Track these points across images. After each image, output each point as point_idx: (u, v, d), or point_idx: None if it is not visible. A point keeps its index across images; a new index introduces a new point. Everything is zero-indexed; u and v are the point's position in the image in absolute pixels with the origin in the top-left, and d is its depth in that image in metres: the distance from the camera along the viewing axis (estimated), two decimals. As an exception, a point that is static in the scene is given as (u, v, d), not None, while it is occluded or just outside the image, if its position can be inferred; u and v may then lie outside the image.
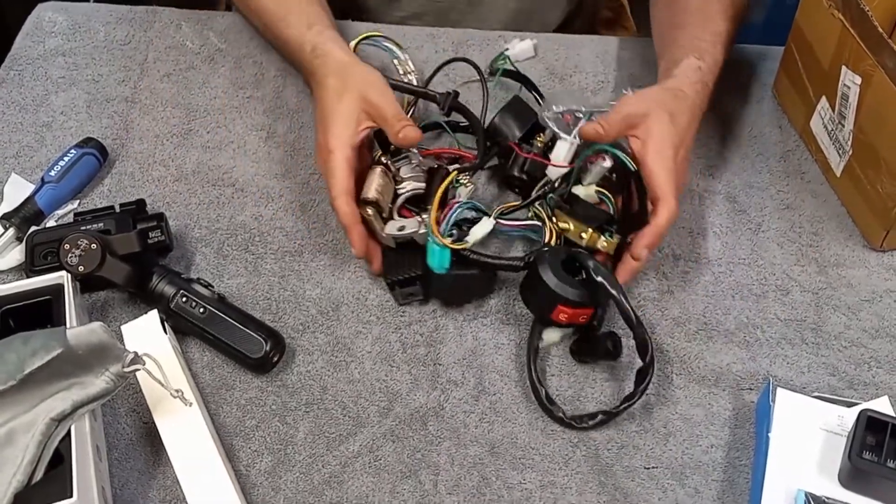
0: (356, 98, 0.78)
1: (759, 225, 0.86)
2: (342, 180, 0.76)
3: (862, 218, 0.85)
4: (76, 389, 0.63)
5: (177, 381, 0.71)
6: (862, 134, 0.80)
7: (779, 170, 0.90)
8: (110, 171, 0.90)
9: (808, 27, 0.87)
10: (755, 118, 0.95)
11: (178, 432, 0.70)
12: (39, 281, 0.72)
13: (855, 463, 0.63)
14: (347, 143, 0.77)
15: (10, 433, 0.61)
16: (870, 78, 0.76)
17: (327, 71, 0.81)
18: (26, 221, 0.83)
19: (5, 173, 0.88)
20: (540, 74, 0.98)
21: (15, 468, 0.60)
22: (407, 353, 0.77)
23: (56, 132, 0.92)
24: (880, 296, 0.81)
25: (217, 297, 0.76)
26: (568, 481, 0.70)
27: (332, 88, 0.79)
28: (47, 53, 0.99)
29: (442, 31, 1.02)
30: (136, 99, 0.95)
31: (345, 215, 0.76)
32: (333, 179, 0.76)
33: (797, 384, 0.75)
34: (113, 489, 0.69)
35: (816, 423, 0.68)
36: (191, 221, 0.85)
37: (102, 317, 0.79)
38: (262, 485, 0.70)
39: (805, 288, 0.81)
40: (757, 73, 0.99)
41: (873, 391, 0.75)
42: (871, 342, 0.78)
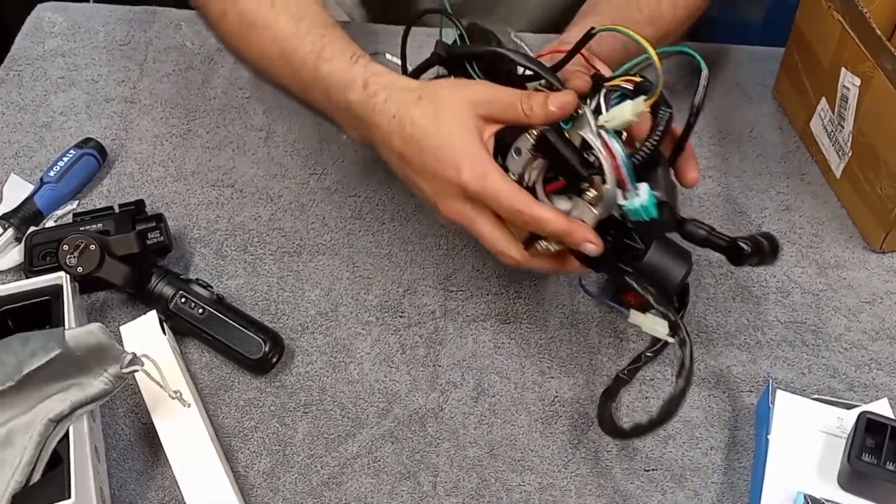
0: (461, 108, 0.62)
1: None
2: (520, 195, 0.60)
3: (862, 219, 0.85)
4: (75, 390, 0.63)
5: (175, 381, 0.70)
6: (861, 135, 0.80)
7: (779, 171, 0.90)
8: (109, 171, 0.90)
9: (808, 28, 0.87)
10: (755, 119, 0.95)
11: (176, 433, 0.69)
12: (38, 281, 0.72)
13: (854, 465, 0.63)
14: (488, 160, 0.61)
15: (8, 434, 0.61)
16: (869, 80, 0.76)
17: (402, 104, 0.64)
18: (25, 222, 0.83)
19: (4, 173, 0.88)
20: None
21: (13, 469, 0.60)
22: (406, 355, 0.77)
23: (55, 132, 0.92)
24: (880, 297, 0.81)
25: (216, 297, 0.76)
26: (567, 483, 0.70)
27: (425, 117, 0.63)
28: (47, 54, 0.99)
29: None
30: (136, 99, 0.95)
31: (557, 219, 0.60)
32: (514, 201, 0.60)
33: (797, 386, 0.75)
34: (111, 490, 0.69)
35: (816, 425, 0.68)
36: (190, 222, 0.85)
37: (101, 317, 0.79)
38: (260, 486, 0.70)
39: (805, 290, 0.81)
40: (757, 74, 0.99)
41: (873, 393, 0.75)
42: (872, 344, 0.78)
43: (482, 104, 0.62)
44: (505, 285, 0.81)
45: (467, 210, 0.63)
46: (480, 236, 0.63)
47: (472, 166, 0.60)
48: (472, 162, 0.60)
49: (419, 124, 0.62)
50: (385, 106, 0.64)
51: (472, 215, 0.63)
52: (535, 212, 0.60)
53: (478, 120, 0.62)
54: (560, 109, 0.61)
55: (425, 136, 0.62)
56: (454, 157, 0.61)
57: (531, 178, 0.62)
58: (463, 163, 0.61)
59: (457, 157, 0.61)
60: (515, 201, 0.60)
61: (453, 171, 0.61)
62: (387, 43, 1.00)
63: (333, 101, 0.68)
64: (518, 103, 0.62)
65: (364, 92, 0.65)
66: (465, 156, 0.61)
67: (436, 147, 0.62)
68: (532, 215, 0.60)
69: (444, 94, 0.63)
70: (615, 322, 0.79)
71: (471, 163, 0.60)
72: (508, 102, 0.62)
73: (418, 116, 0.62)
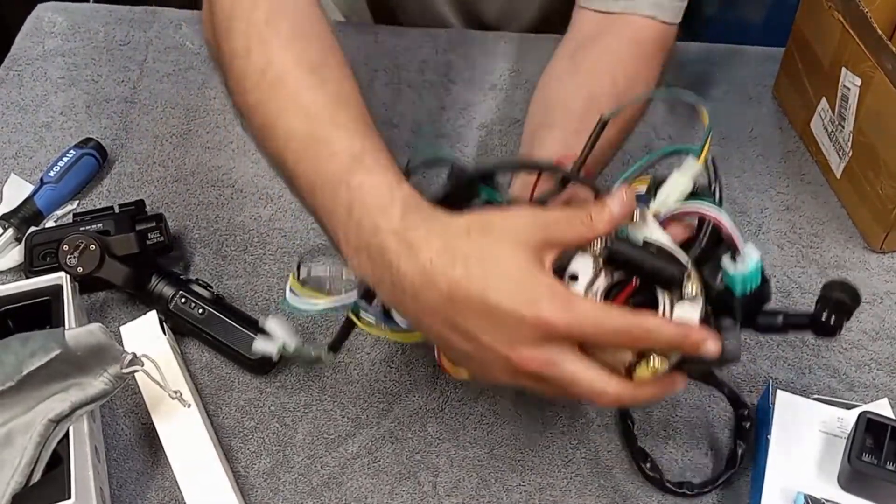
0: (519, 237, 0.53)
1: (759, 226, 0.86)
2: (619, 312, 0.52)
3: (862, 220, 0.85)
4: (74, 390, 0.63)
5: (175, 382, 0.70)
6: (862, 135, 0.80)
7: (779, 171, 0.90)
8: (109, 171, 0.90)
9: (809, 28, 0.87)
10: (755, 119, 0.95)
11: (176, 433, 0.69)
12: (38, 282, 0.72)
13: (854, 465, 0.63)
14: (564, 288, 0.52)
15: (8, 434, 0.61)
16: (869, 79, 0.76)
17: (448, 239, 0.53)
18: (25, 222, 0.83)
19: (4, 174, 0.88)
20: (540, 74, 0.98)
21: (13, 469, 0.60)
22: (406, 355, 0.77)
23: (55, 132, 0.92)
24: (881, 297, 0.81)
25: (216, 297, 0.76)
26: (567, 484, 0.70)
27: (480, 252, 0.52)
28: (47, 54, 0.99)
29: (442, 32, 1.02)
30: (136, 99, 0.95)
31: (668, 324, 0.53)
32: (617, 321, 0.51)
33: (797, 386, 0.75)
34: (111, 490, 0.69)
35: (816, 425, 0.68)
36: (190, 222, 0.85)
37: (101, 318, 0.79)
38: (260, 486, 0.70)
39: (805, 290, 0.81)
40: (757, 73, 0.99)
41: (873, 393, 0.75)
42: (872, 344, 0.78)
43: (538, 228, 0.53)
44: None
45: (550, 353, 0.52)
46: (572, 381, 0.52)
47: (551, 299, 0.51)
48: (551, 294, 0.51)
49: (473, 262, 0.52)
50: (427, 242, 0.53)
51: (557, 358, 0.52)
52: (645, 323, 0.51)
53: (537, 247, 0.53)
54: (623, 208, 0.54)
55: (484, 274, 0.51)
56: (527, 293, 0.51)
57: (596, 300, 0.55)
58: (540, 297, 0.51)
59: (530, 292, 0.51)
60: (619, 320, 0.51)
61: (529, 309, 0.50)
62: (386, 43, 1.01)
63: (355, 221, 0.55)
64: (576, 218, 0.54)
65: (403, 224, 0.54)
66: (540, 288, 0.51)
67: (500, 286, 0.51)
68: (643, 327, 0.51)
69: (496, 224, 0.53)
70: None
71: (549, 295, 0.51)
72: (565, 220, 0.54)
73: (472, 251, 0.52)
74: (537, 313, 0.50)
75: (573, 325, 0.50)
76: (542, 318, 0.50)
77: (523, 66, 0.99)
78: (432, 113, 0.95)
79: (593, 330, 0.51)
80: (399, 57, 1.00)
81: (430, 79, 0.98)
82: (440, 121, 0.94)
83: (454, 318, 0.52)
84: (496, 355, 0.52)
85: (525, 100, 0.95)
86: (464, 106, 0.95)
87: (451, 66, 0.99)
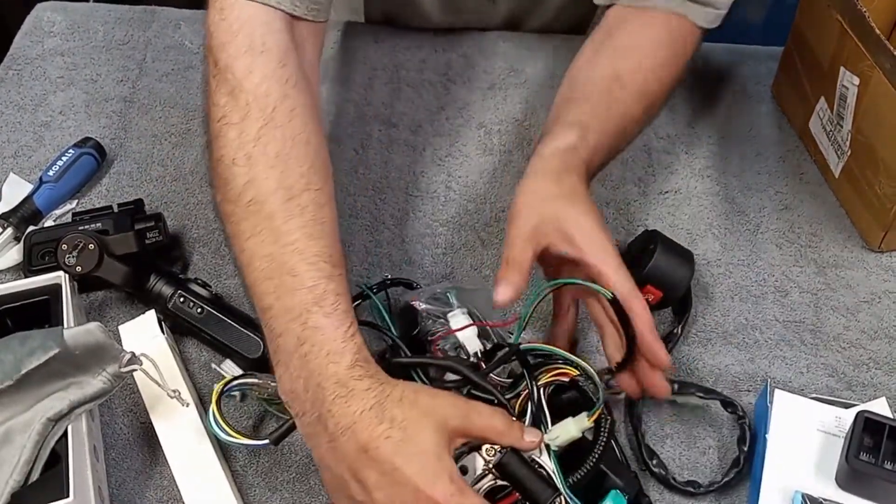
0: (438, 420, 0.58)
1: (757, 226, 0.86)
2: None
3: (860, 219, 0.85)
4: (73, 389, 0.63)
5: (174, 381, 0.71)
6: (860, 135, 0.80)
7: (778, 170, 0.90)
8: (108, 170, 0.90)
9: (808, 28, 0.87)
10: (754, 118, 0.95)
11: (175, 432, 0.69)
12: (37, 281, 0.72)
13: (852, 464, 0.63)
14: (462, 479, 0.57)
15: (7, 433, 0.61)
16: (868, 79, 0.76)
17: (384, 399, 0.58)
18: (24, 221, 0.83)
19: (3, 173, 0.88)
20: (539, 74, 0.98)
21: (11, 468, 0.60)
22: (405, 354, 0.77)
23: (54, 132, 0.92)
24: (879, 297, 0.81)
25: (214, 297, 0.76)
26: (565, 482, 0.70)
27: (405, 419, 0.57)
28: (46, 53, 0.99)
29: (441, 32, 1.02)
30: (135, 99, 0.95)
31: None
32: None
33: (795, 385, 0.75)
34: (110, 489, 0.69)
35: (814, 424, 0.68)
36: (189, 221, 0.85)
37: (100, 317, 0.79)
38: (258, 485, 0.70)
39: (804, 289, 0.81)
40: (756, 73, 0.99)
41: (871, 392, 0.75)
42: (870, 343, 0.78)
43: (458, 417, 0.58)
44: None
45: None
46: None
47: (449, 483, 0.56)
48: (450, 479, 0.56)
49: (396, 427, 0.56)
50: (365, 395, 0.57)
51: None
52: None
53: (452, 433, 0.58)
54: (531, 444, 0.60)
55: (401, 440, 0.56)
56: (431, 471, 0.56)
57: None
58: (440, 479, 0.55)
59: (433, 470, 0.56)
60: None
61: (427, 485, 0.55)
62: (386, 42, 1.01)
63: (302, 354, 0.59)
64: (494, 424, 0.59)
65: (348, 372, 0.58)
66: (443, 472, 0.56)
67: (411, 456, 0.56)
68: None
69: (423, 401, 0.58)
70: (614, 321, 0.79)
71: (448, 480, 0.56)
72: (485, 418, 0.59)
73: (398, 416, 0.57)
74: (433, 491, 0.55)
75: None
76: (435, 497, 0.55)
77: (523, 66, 0.99)
78: (432, 112, 0.95)
79: None
80: (399, 57, 1.00)
81: (429, 78, 0.98)
82: (439, 120, 0.94)
83: (360, 468, 0.57)
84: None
85: (525, 99, 0.96)
86: (463, 105, 0.96)
87: (450, 66, 0.99)
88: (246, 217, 0.63)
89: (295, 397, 0.60)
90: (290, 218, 0.62)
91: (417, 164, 0.91)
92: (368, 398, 0.57)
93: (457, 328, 0.70)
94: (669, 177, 0.89)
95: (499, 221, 0.86)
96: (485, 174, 0.90)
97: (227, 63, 0.65)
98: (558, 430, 0.62)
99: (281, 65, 0.66)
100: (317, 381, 0.58)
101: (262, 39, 0.66)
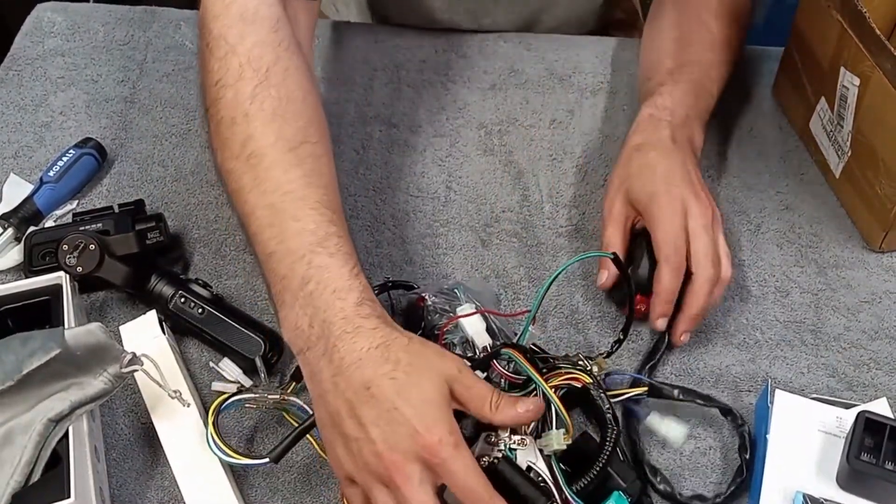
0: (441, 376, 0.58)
1: (758, 226, 0.86)
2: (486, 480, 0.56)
3: (861, 219, 0.85)
4: (74, 390, 0.63)
5: (175, 381, 0.71)
6: (860, 135, 0.80)
7: (778, 171, 0.90)
8: (109, 171, 0.90)
9: (808, 28, 0.87)
10: (755, 119, 0.95)
11: (176, 433, 0.70)
12: (38, 281, 0.72)
13: (853, 465, 0.63)
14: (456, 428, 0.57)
15: (8, 433, 0.61)
16: (868, 79, 0.76)
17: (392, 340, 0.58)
18: (25, 221, 0.83)
19: (4, 173, 0.88)
20: (540, 74, 0.98)
21: (13, 468, 0.60)
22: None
23: (55, 132, 0.92)
24: (879, 297, 0.81)
25: (215, 297, 0.76)
26: None
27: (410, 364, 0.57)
28: (46, 53, 0.99)
29: (442, 32, 1.02)
30: (135, 99, 0.95)
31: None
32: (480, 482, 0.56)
33: (796, 386, 0.75)
34: (111, 490, 0.69)
35: (815, 424, 0.68)
36: (189, 222, 0.85)
37: (101, 317, 0.79)
38: (259, 485, 0.70)
39: (804, 289, 0.81)
40: (757, 73, 0.99)
41: (872, 393, 0.75)
42: (871, 343, 0.78)
43: (458, 383, 0.58)
44: (504, 286, 0.81)
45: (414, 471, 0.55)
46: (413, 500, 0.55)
47: (447, 432, 0.55)
48: (449, 430, 0.56)
49: (402, 368, 0.57)
50: (372, 333, 0.58)
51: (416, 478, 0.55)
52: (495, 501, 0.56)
53: (448, 395, 0.58)
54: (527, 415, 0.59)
55: (405, 382, 0.56)
56: (431, 417, 0.56)
57: None
58: (438, 424, 0.55)
59: (433, 416, 0.56)
60: (481, 483, 0.55)
61: (425, 428, 0.55)
62: (386, 42, 1.01)
63: (308, 292, 0.60)
64: (486, 396, 0.59)
65: (356, 309, 0.59)
66: (442, 419, 0.56)
67: (412, 398, 0.56)
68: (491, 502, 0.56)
69: (429, 354, 0.59)
70: (615, 322, 0.79)
71: (448, 430, 0.56)
72: (481, 395, 0.59)
73: (404, 360, 0.57)
74: (430, 436, 0.55)
75: (448, 462, 0.55)
76: (430, 442, 0.55)
77: (523, 66, 0.99)
78: (432, 112, 0.95)
79: (459, 477, 0.55)
80: (399, 57, 1.00)
81: (429, 78, 0.98)
82: (440, 121, 0.94)
83: (359, 405, 0.57)
84: (371, 449, 0.56)
85: (525, 99, 0.96)
86: (463, 106, 0.96)
87: (450, 66, 0.99)
88: (246, 171, 0.65)
89: (299, 333, 0.60)
90: (290, 168, 0.64)
91: (418, 164, 0.91)
92: (375, 337, 0.58)
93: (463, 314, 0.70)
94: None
95: (499, 221, 0.86)
96: (485, 174, 0.90)
97: (221, 32, 0.68)
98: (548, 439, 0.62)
99: (273, 31, 0.68)
100: (322, 316, 0.59)
101: (254, 10, 0.68)
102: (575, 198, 0.88)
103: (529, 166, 0.90)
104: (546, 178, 0.89)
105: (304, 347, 0.60)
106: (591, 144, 0.92)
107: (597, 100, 0.96)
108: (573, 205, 0.87)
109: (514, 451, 0.62)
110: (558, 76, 0.98)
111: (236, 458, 0.65)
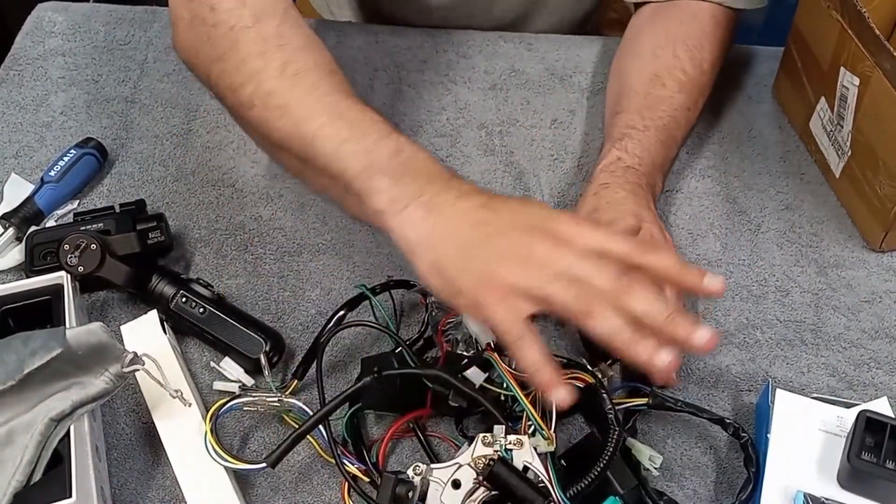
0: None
1: (758, 226, 0.86)
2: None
3: (861, 219, 0.85)
4: (75, 389, 0.63)
5: (176, 381, 0.71)
6: (860, 135, 0.80)
7: (778, 170, 0.90)
8: (110, 171, 0.90)
9: (808, 28, 0.87)
10: (755, 118, 0.95)
11: (177, 432, 0.70)
12: (39, 281, 0.72)
13: (854, 464, 0.63)
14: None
15: (9, 433, 0.61)
16: (868, 79, 0.77)
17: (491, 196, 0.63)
18: (26, 221, 0.83)
19: (5, 173, 0.88)
20: (540, 75, 0.98)
21: (14, 468, 0.60)
22: (406, 354, 0.77)
23: (56, 132, 0.92)
24: (880, 297, 0.81)
25: (216, 297, 0.76)
26: (567, 482, 0.70)
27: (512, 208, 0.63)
28: (47, 53, 0.99)
29: (442, 32, 1.02)
30: (136, 99, 0.96)
31: None
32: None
33: (796, 385, 0.75)
34: (112, 489, 0.69)
35: (815, 423, 0.68)
36: (190, 222, 0.85)
37: (102, 317, 0.79)
38: (260, 485, 0.70)
39: (804, 289, 0.82)
40: (757, 73, 0.99)
41: (872, 392, 0.75)
42: (871, 343, 0.78)
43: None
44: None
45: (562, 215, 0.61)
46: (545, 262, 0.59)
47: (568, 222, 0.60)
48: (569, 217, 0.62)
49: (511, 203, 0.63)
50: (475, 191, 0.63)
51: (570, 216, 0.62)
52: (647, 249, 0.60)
53: None
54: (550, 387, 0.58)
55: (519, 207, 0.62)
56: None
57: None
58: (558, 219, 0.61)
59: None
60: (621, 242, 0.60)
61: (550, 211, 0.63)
62: (386, 43, 1.01)
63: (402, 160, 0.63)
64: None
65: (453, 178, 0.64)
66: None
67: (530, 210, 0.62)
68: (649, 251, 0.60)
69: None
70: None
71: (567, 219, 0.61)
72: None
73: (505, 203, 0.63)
74: (557, 220, 0.60)
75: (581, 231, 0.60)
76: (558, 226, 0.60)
77: (523, 66, 0.99)
78: (432, 113, 0.95)
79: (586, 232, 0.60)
80: (399, 57, 1.00)
81: (430, 79, 0.98)
82: (440, 120, 0.94)
83: (487, 204, 0.61)
84: (512, 219, 0.61)
85: (526, 99, 0.96)
86: (463, 106, 0.96)
87: (450, 66, 0.99)
88: (294, 84, 0.66)
89: (402, 188, 0.62)
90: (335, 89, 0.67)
91: (418, 164, 0.91)
92: (482, 193, 0.63)
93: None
94: (670, 177, 0.89)
95: (500, 221, 0.86)
96: (486, 175, 0.90)
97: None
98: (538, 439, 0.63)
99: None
100: (426, 172, 0.63)
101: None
102: (576, 198, 0.88)
103: (530, 166, 0.91)
104: (547, 178, 0.90)
105: (413, 198, 0.62)
106: (593, 144, 0.92)
107: (598, 100, 0.96)
108: (574, 204, 0.87)
109: (510, 451, 0.62)
110: (559, 76, 0.98)
111: (234, 462, 0.65)
